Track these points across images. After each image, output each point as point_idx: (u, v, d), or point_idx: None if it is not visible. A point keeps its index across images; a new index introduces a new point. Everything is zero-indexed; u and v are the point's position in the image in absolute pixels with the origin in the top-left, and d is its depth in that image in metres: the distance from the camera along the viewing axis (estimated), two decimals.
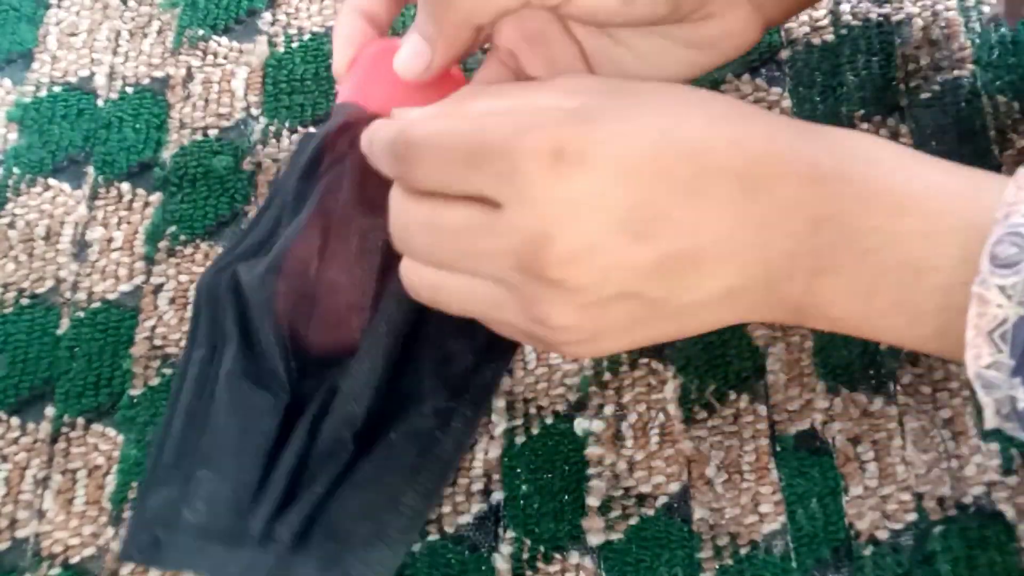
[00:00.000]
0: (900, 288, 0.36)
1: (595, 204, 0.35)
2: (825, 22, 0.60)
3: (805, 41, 0.60)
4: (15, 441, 0.52)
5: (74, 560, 0.49)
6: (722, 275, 0.37)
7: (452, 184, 0.38)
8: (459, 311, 0.41)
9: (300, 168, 0.49)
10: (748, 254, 0.36)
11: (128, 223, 0.58)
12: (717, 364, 0.51)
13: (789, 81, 0.58)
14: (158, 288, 0.56)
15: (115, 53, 0.64)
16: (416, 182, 0.39)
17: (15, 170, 0.60)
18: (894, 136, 0.56)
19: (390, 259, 0.44)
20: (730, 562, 0.47)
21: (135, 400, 0.53)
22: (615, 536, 0.48)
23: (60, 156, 0.60)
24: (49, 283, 0.56)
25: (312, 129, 0.59)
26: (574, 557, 0.47)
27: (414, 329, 0.48)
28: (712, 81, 0.58)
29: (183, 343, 0.54)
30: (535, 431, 0.50)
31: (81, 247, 0.57)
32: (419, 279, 0.41)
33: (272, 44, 0.63)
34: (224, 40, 0.64)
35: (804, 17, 0.60)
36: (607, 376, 0.51)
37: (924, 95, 0.57)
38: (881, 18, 0.60)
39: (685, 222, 0.36)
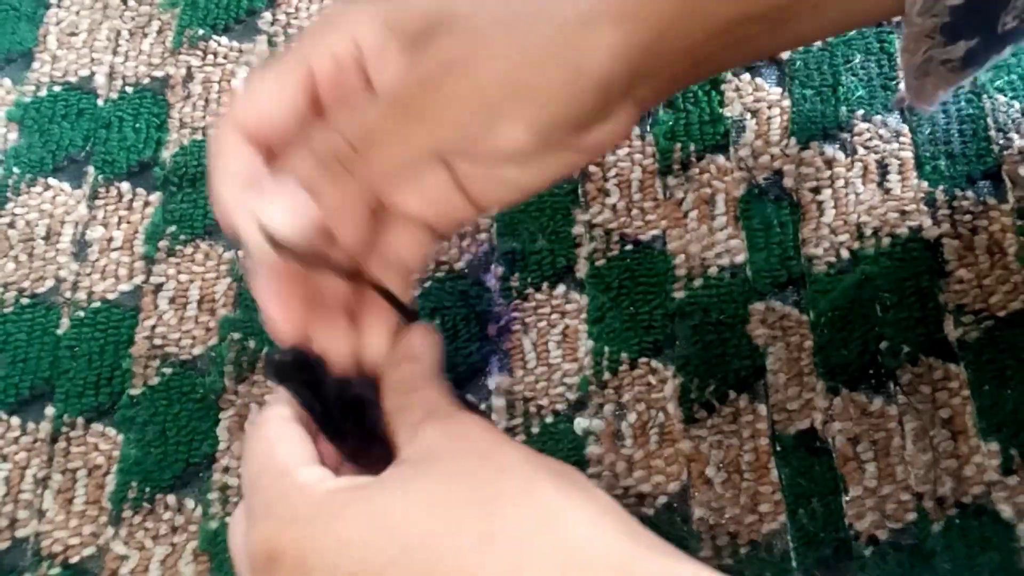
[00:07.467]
0: None
1: None
2: None
3: None
4: (15, 441, 0.52)
5: (74, 560, 0.49)
6: None
7: None
8: None
9: None
10: None
11: (128, 223, 0.58)
12: (717, 363, 0.51)
13: (789, 81, 0.58)
14: (158, 288, 0.56)
15: (115, 53, 0.64)
16: None
17: (15, 170, 0.60)
18: (895, 136, 0.56)
19: None
20: (730, 561, 0.47)
21: (135, 400, 0.53)
22: None
23: (60, 156, 0.61)
24: (49, 283, 0.57)
25: None
26: None
27: None
28: (712, 80, 0.58)
29: (182, 342, 0.54)
30: (535, 430, 0.50)
31: (81, 247, 0.57)
32: None
33: (272, 43, 0.63)
34: (224, 40, 0.64)
35: None
36: (607, 375, 0.51)
37: None
38: None
39: None
